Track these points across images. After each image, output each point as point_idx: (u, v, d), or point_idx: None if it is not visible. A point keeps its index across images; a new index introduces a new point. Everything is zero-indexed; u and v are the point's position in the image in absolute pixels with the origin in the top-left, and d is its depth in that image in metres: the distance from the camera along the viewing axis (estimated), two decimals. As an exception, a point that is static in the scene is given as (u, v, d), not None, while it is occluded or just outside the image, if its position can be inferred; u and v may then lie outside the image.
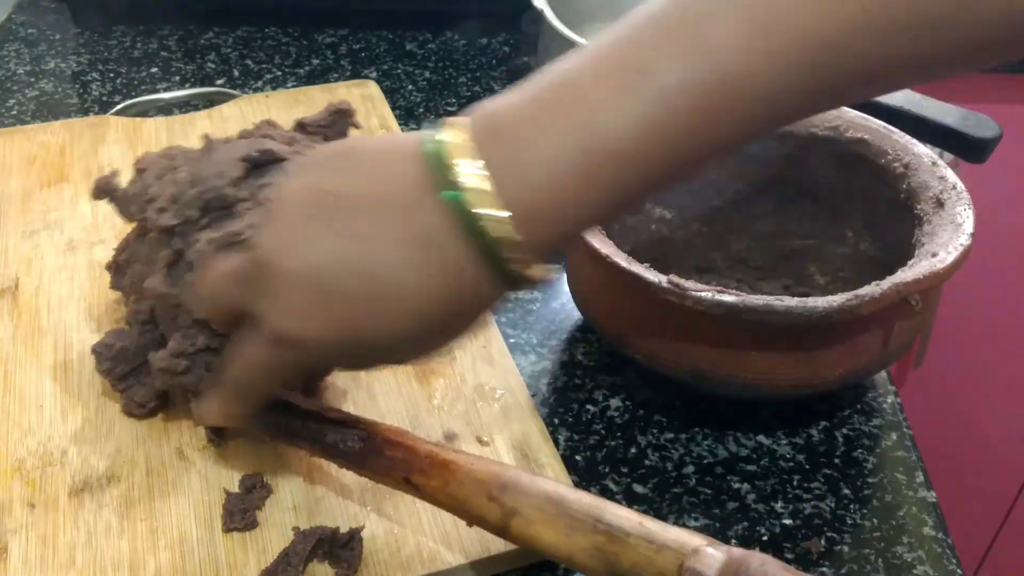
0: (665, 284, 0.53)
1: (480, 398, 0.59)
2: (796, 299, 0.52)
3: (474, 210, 0.36)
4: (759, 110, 0.36)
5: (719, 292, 0.52)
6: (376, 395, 0.59)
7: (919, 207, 0.59)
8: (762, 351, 0.55)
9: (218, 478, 0.54)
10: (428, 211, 0.37)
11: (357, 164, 0.41)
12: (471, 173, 0.37)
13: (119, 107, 0.84)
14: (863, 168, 0.64)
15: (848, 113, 0.66)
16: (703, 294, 0.52)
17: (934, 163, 0.61)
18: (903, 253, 0.57)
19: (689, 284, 0.53)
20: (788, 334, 0.54)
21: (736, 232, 0.71)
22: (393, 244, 0.38)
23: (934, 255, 0.54)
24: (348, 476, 0.54)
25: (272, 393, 0.48)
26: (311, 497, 0.53)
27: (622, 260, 0.55)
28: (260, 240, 0.42)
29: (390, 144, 0.42)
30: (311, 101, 0.82)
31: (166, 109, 0.86)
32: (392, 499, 0.53)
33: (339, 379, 0.59)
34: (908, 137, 0.64)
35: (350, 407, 0.58)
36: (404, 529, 0.52)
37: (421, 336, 0.41)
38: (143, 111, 0.85)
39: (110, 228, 0.69)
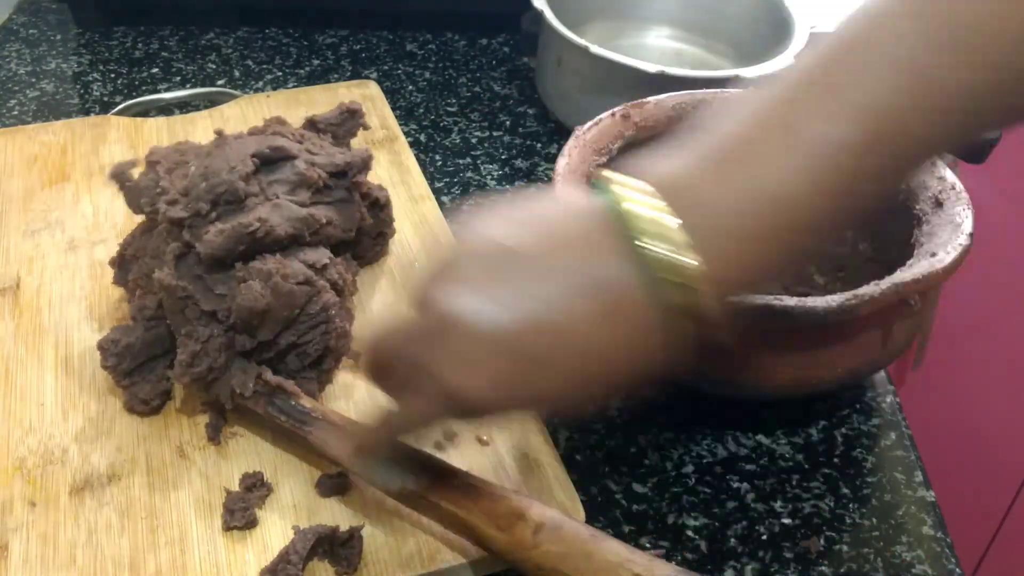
0: None
1: None
2: (795, 299, 0.52)
3: (669, 259, 0.38)
4: (918, 152, 0.38)
5: None
6: (377, 395, 0.58)
7: (917, 207, 0.59)
8: (760, 351, 0.55)
9: (218, 477, 0.54)
10: (614, 267, 0.38)
11: (535, 224, 0.41)
12: (666, 226, 0.38)
13: (120, 107, 0.84)
14: None
15: None
16: None
17: (932, 163, 0.61)
18: (902, 253, 0.57)
19: None
20: (786, 334, 0.54)
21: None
22: (578, 302, 0.39)
23: (933, 255, 0.54)
24: (357, 481, 0.54)
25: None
26: (311, 496, 0.53)
27: None
28: (440, 297, 0.41)
29: (565, 204, 0.42)
30: (312, 101, 0.82)
31: (167, 109, 0.86)
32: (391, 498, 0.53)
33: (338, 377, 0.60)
34: None
35: (350, 406, 0.58)
36: (404, 528, 0.52)
37: (592, 390, 0.41)
38: (144, 111, 0.85)
39: (111, 227, 0.69)
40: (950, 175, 0.60)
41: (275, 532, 0.51)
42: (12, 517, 0.52)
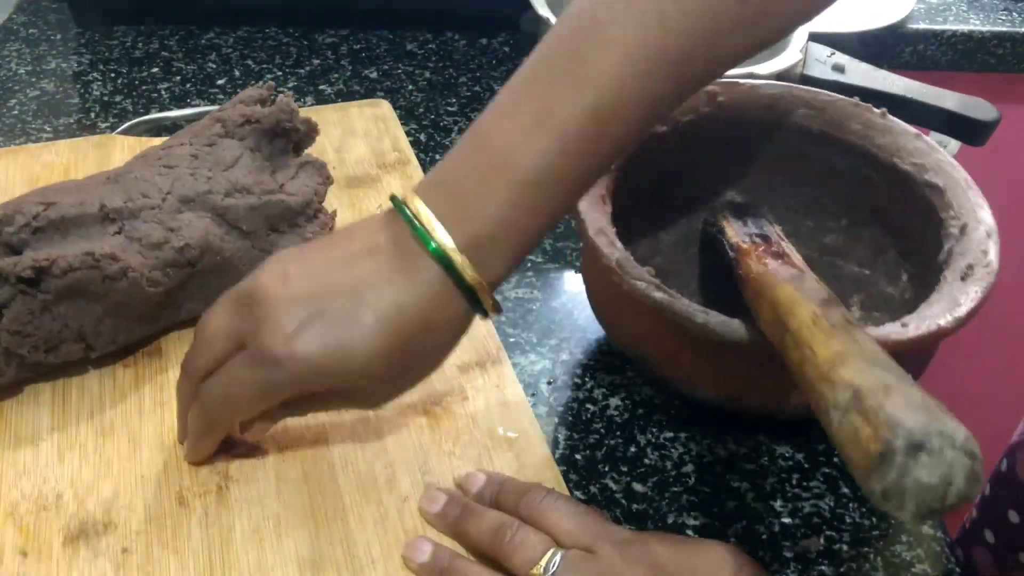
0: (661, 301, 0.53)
1: (493, 443, 0.57)
2: None
3: (432, 243, 0.44)
4: (634, 117, 0.45)
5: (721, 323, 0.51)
6: (384, 436, 0.57)
7: (946, 273, 0.56)
8: (755, 379, 0.55)
9: (218, 526, 0.51)
10: (403, 246, 0.45)
11: (338, 234, 0.48)
12: (426, 215, 0.44)
13: (126, 125, 0.82)
14: (929, 215, 0.60)
15: (937, 153, 0.62)
16: (697, 317, 0.52)
17: (988, 234, 0.57)
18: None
19: (694, 307, 0.52)
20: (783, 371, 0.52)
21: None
22: (374, 270, 0.45)
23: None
24: (364, 535, 0.52)
25: (249, 415, 0.50)
26: (315, 550, 0.51)
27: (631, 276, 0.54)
28: (257, 274, 0.47)
29: (365, 219, 0.49)
30: (323, 120, 0.75)
31: (175, 128, 0.85)
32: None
33: (348, 415, 0.58)
34: (982, 199, 0.59)
35: (358, 450, 0.56)
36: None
37: (395, 353, 0.45)
38: (151, 129, 0.83)
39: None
40: (994, 254, 0.56)
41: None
42: (1, 568, 0.49)
